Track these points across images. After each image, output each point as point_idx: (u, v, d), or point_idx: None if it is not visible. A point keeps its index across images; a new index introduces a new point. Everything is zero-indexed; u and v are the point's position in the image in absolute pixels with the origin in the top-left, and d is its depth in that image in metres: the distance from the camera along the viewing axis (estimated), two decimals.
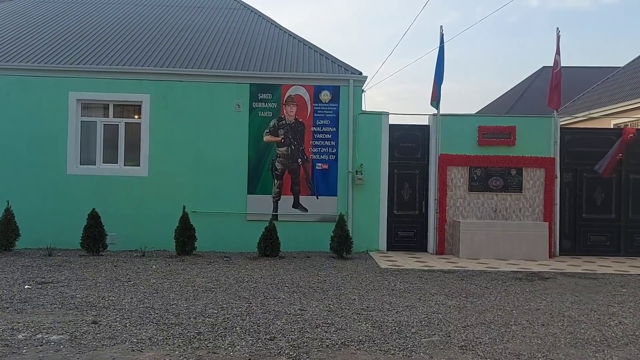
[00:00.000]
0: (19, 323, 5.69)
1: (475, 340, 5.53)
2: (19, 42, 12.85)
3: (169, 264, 9.85)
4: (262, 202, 11.91)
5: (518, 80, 29.60)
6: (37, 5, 15.83)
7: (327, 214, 11.90)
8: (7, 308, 6.33)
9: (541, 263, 11.01)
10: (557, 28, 12.01)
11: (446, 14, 53.75)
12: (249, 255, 11.02)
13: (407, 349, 5.19)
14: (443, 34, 12.03)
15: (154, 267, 9.53)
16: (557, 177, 12.10)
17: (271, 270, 9.47)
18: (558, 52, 12.01)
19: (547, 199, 12.04)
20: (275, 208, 11.94)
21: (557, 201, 12.12)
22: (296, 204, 11.99)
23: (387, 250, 12.11)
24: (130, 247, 11.44)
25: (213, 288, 7.82)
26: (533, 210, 12.08)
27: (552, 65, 12.41)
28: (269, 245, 10.86)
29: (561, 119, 13.15)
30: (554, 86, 12.05)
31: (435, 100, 12.15)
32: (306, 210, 11.97)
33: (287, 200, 11.96)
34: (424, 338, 5.55)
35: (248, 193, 11.92)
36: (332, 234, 11.06)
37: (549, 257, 11.60)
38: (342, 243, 10.92)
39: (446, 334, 5.73)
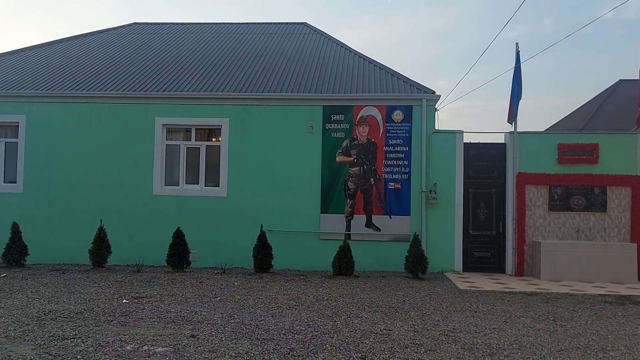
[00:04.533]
0: (125, 335, 6.10)
1: None
2: (109, 72, 13.86)
3: (249, 281, 10.17)
4: (335, 221, 12.09)
5: (591, 95, 28.40)
6: (123, 37, 17.04)
7: (400, 233, 11.89)
8: (112, 321, 6.79)
9: (630, 286, 10.47)
10: None
11: (513, 28, 52.60)
12: (323, 274, 11.18)
13: None
14: (519, 51, 11.86)
15: (236, 283, 9.88)
16: None
17: (348, 289, 9.56)
18: None
19: (634, 218, 11.47)
20: (348, 227, 12.07)
21: None
22: (369, 223, 12.06)
23: (463, 271, 11.91)
24: (210, 264, 11.91)
25: (295, 305, 8.02)
26: (619, 231, 11.53)
27: (632, 78, 11.90)
28: (344, 264, 10.97)
29: None
30: None
31: (512, 119, 11.94)
32: (379, 229, 12.02)
33: (359, 220, 12.08)
34: None
35: (321, 212, 12.14)
36: (407, 254, 11.01)
37: (638, 280, 11.02)
38: (417, 263, 10.85)
39: (540, 357, 5.59)
